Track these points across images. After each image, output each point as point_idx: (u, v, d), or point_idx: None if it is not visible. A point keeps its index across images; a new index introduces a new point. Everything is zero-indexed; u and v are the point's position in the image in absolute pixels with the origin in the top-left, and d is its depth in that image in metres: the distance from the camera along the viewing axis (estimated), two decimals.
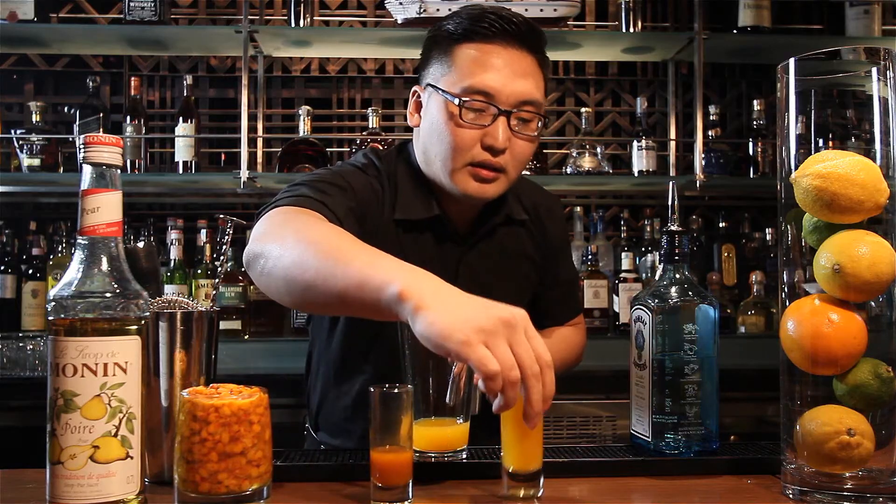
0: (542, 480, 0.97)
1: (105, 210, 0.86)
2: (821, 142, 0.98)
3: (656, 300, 1.09)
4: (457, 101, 1.27)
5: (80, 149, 0.87)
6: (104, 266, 0.86)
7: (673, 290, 1.10)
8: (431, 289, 0.89)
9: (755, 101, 2.88)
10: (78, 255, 0.86)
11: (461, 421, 1.09)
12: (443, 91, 1.29)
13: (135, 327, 0.86)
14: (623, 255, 2.71)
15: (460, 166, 1.29)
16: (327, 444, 1.48)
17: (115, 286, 0.85)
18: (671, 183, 2.72)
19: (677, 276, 1.12)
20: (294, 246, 1.03)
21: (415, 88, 1.38)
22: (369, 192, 1.33)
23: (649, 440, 1.08)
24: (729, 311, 2.74)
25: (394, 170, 1.40)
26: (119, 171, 0.88)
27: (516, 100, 1.28)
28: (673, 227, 1.14)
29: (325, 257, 0.98)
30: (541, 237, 1.52)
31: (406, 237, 1.36)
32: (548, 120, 3.02)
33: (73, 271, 0.85)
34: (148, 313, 0.88)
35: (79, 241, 0.86)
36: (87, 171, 0.86)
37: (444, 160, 1.30)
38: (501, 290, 1.36)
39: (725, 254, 2.86)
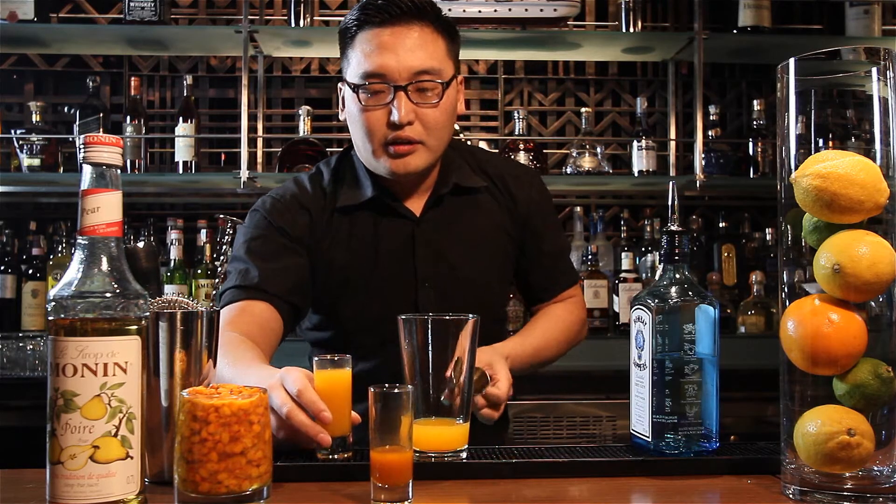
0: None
1: (105, 210, 0.86)
2: (821, 142, 0.98)
3: (656, 300, 1.09)
4: (356, 88, 1.36)
5: (80, 149, 0.87)
6: (104, 266, 0.86)
7: (673, 290, 1.10)
8: None
9: (755, 101, 2.88)
10: (78, 255, 0.86)
11: (461, 421, 1.09)
12: (347, 83, 1.39)
13: (135, 327, 0.86)
14: (623, 255, 2.71)
15: (377, 147, 1.38)
16: None
17: (115, 286, 0.85)
18: (671, 183, 2.71)
19: (677, 276, 1.12)
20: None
21: (338, 85, 1.46)
22: (294, 213, 1.45)
23: (649, 440, 1.08)
24: (729, 311, 2.74)
25: (341, 166, 1.52)
26: (119, 171, 0.88)
27: (409, 73, 1.34)
28: (673, 227, 1.14)
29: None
30: (511, 204, 1.53)
31: (350, 220, 1.46)
32: (547, 120, 3.01)
33: (73, 271, 0.85)
34: (148, 313, 0.88)
35: (79, 241, 0.86)
36: (87, 171, 0.86)
37: (363, 145, 1.40)
38: (465, 259, 1.47)
39: (725, 254, 2.86)
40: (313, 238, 1.45)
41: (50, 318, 0.84)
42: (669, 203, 1.20)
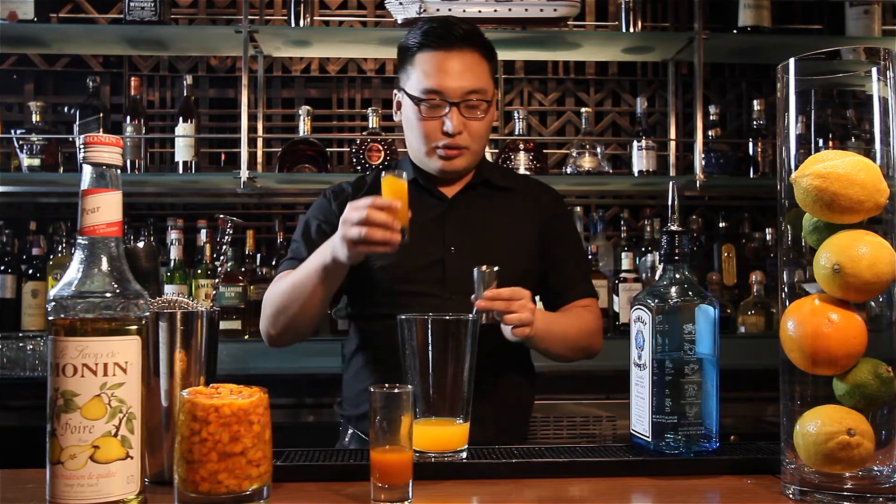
0: None
1: (105, 210, 0.86)
2: (821, 142, 0.98)
3: (656, 300, 1.09)
4: (417, 101, 1.61)
5: (80, 149, 0.87)
6: (104, 266, 0.86)
7: (673, 290, 1.10)
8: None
9: (755, 101, 2.88)
10: (78, 255, 0.86)
11: (461, 421, 1.09)
12: (408, 94, 1.64)
13: (135, 327, 0.86)
14: (623, 255, 2.71)
15: (430, 149, 1.63)
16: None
17: (115, 286, 0.85)
18: (671, 183, 2.71)
19: (677, 276, 1.12)
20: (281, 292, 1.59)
21: (395, 91, 1.71)
22: (333, 202, 1.71)
23: (649, 440, 1.08)
24: (729, 311, 2.74)
25: (399, 161, 1.82)
26: (119, 171, 0.88)
27: (462, 92, 1.60)
28: (673, 227, 1.14)
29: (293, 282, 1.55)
30: (536, 207, 1.72)
31: None
32: (548, 120, 3.01)
33: (73, 271, 0.85)
34: (148, 313, 0.88)
35: (79, 241, 0.86)
36: (87, 171, 0.86)
37: (418, 147, 1.65)
38: (490, 232, 1.67)
39: (725, 254, 2.86)
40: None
41: (50, 318, 0.84)
42: (669, 203, 1.20)
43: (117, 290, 0.85)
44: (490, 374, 1.48)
